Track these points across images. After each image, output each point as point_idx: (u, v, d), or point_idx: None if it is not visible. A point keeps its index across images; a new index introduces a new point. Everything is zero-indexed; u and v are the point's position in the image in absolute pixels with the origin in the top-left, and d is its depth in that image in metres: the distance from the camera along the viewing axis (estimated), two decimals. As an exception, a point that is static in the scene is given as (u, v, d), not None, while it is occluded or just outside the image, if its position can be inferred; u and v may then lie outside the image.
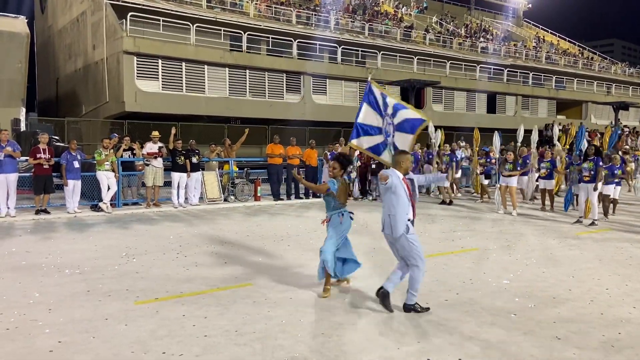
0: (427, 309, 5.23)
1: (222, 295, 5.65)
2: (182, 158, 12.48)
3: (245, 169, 15.14)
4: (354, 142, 6.59)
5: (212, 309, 5.22)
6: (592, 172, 10.72)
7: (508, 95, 34.49)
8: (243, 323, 4.85)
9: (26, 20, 22.43)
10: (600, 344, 4.48)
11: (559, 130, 19.81)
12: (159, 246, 8.23)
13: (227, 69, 23.85)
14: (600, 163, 10.76)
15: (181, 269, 6.83)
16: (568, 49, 46.56)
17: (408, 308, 5.19)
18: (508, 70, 34.08)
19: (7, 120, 18.91)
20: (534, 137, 15.35)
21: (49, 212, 11.23)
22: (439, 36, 34.65)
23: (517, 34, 45.55)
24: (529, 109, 36.00)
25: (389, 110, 6.19)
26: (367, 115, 6.50)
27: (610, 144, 13.44)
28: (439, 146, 15.14)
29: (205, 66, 23.22)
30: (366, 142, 6.51)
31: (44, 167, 11.13)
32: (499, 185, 12.70)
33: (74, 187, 11.40)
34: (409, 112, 6.06)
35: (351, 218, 5.99)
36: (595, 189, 10.69)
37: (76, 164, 11.40)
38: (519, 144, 13.87)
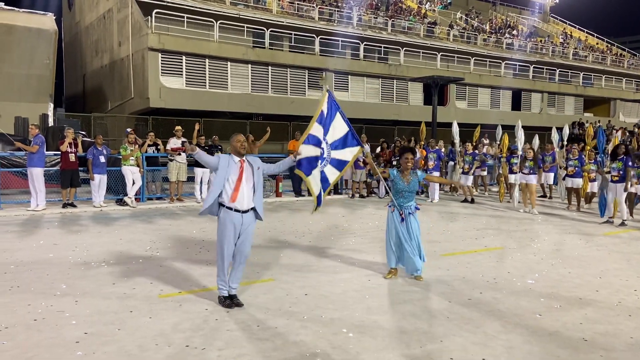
0: (230, 306, 5.13)
1: (244, 290, 5.68)
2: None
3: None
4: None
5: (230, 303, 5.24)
6: (621, 172, 10.47)
7: (534, 92, 33.91)
8: (265, 318, 4.87)
9: (54, 17, 22.85)
10: (628, 346, 4.38)
11: (582, 128, 19.43)
12: (182, 240, 8.33)
13: (249, 65, 23.97)
14: (630, 163, 10.50)
15: (204, 263, 6.89)
16: (596, 44, 45.50)
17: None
18: (534, 67, 33.48)
19: (35, 116, 19.32)
20: (554, 136, 15.06)
21: (75, 206, 11.46)
22: (463, 32, 34.22)
23: (543, 30, 44.69)
24: (555, 106, 35.33)
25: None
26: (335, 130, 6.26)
27: None
28: (463, 144, 14.97)
29: (228, 63, 23.37)
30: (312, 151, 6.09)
31: (71, 160, 11.35)
32: (519, 183, 12.51)
33: (100, 181, 11.61)
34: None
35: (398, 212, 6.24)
36: (625, 189, 10.45)
37: (102, 159, 11.61)
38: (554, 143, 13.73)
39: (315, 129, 6.05)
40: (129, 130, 12.64)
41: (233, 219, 5.05)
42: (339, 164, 6.29)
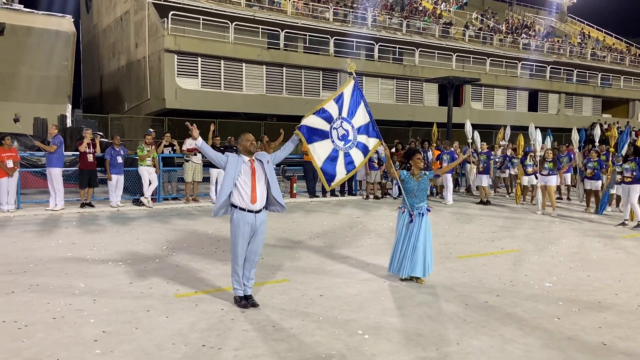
0: (246, 307, 5.15)
1: (259, 290, 5.70)
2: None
3: (282, 165, 15.25)
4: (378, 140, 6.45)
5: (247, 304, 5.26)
6: (635, 173, 10.33)
7: (551, 92, 33.53)
8: (280, 319, 4.88)
9: (72, 20, 23.13)
10: (649, 352, 4.30)
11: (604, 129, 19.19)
12: (198, 240, 8.38)
13: (264, 66, 24.05)
14: None
15: (219, 263, 6.93)
16: (612, 44, 44.83)
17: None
18: (551, 67, 33.11)
19: (53, 117, 19.56)
20: (575, 136, 14.87)
21: (93, 206, 11.60)
22: (479, 32, 33.96)
23: (560, 30, 44.18)
24: (573, 107, 34.90)
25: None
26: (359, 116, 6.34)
27: None
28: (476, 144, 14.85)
29: (243, 64, 23.48)
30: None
31: (89, 160, 11.49)
32: (538, 185, 12.37)
33: (117, 181, 11.74)
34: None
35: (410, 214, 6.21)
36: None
37: (119, 159, 11.73)
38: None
39: (330, 106, 6.12)
40: (151, 130, 12.80)
41: (247, 219, 5.08)
42: (365, 149, 6.34)
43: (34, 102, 20.75)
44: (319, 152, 6.01)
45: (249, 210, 5.09)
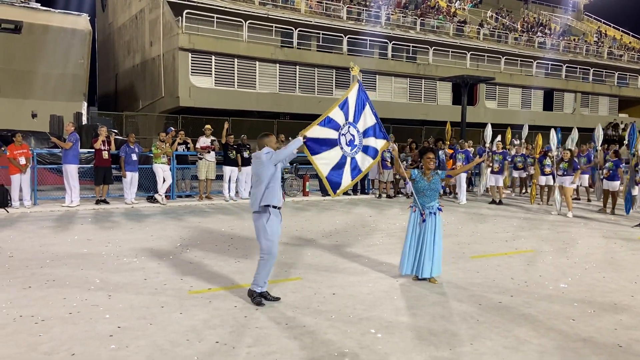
0: (262, 304, 5.15)
1: (272, 288, 5.71)
2: (234, 152, 12.71)
3: (294, 164, 15.27)
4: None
5: (263, 301, 5.28)
6: None
7: (566, 92, 33.16)
8: (293, 316, 4.90)
9: (88, 18, 23.36)
10: (666, 355, 4.24)
11: (622, 129, 18.94)
12: (211, 238, 8.43)
13: (277, 65, 24.11)
14: None
15: (232, 260, 6.97)
16: (629, 43, 44.16)
17: (249, 292, 5.30)
18: (567, 66, 32.74)
19: (69, 114, 19.76)
20: (598, 134, 14.66)
21: (108, 203, 11.72)
22: (494, 31, 33.67)
23: (577, 28, 43.63)
24: (589, 106, 34.48)
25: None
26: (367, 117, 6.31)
27: None
28: (492, 143, 14.73)
29: (257, 62, 23.55)
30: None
31: (104, 157, 11.62)
32: (556, 186, 12.24)
33: (131, 178, 11.85)
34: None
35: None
36: None
37: (134, 157, 11.84)
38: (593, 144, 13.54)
39: (335, 113, 6.05)
40: (172, 129, 12.98)
41: (280, 217, 5.28)
42: (374, 152, 6.31)
43: (50, 100, 20.99)
44: (325, 161, 5.98)
45: (278, 208, 5.26)
